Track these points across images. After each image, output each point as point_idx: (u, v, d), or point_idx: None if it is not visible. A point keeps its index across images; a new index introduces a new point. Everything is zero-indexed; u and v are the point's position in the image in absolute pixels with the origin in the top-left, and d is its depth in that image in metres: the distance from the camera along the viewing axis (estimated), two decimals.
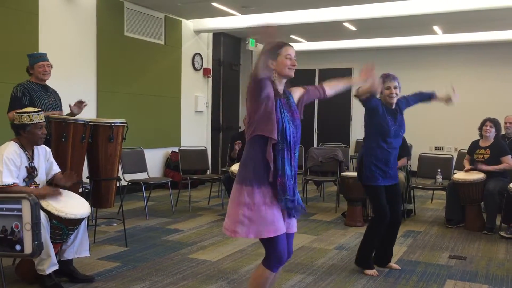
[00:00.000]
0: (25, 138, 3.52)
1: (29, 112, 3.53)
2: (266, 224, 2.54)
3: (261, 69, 2.44)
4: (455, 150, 9.13)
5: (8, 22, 5.76)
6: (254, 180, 2.56)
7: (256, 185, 2.55)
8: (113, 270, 3.96)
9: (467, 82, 10.21)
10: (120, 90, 7.35)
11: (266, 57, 2.52)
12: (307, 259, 4.36)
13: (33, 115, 3.51)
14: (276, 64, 2.61)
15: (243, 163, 2.64)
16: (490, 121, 5.71)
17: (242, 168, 2.63)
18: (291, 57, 2.63)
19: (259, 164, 2.56)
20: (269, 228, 2.54)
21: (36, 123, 3.51)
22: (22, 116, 3.50)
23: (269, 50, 2.58)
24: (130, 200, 6.93)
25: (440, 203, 7.23)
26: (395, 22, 8.14)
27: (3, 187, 3.29)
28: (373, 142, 3.91)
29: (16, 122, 3.51)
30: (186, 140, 8.58)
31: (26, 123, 3.48)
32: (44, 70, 4.35)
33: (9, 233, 2.69)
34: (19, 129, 3.51)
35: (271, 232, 2.55)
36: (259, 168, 2.56)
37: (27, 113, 3.51)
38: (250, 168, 2.58)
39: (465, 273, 4.08)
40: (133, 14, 7.56)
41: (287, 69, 2.62)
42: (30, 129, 3.49)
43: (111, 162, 4.40)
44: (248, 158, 2.61)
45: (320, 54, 11.13)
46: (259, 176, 2.56)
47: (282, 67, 2.61)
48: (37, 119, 3.52)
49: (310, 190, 7.76)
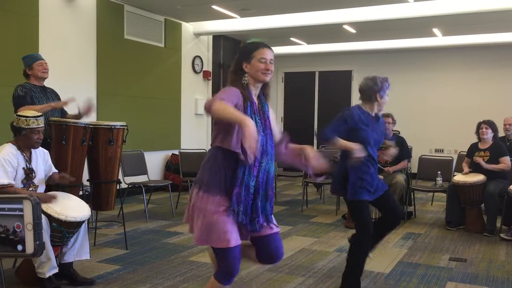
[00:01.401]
0: (22, 141, 3.52)
1: (27, 116, 3.51)
2: (217, 234, 2.37)
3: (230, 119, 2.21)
4: (455, 152, 9.13)
5: (8, 25, 5.77)
6: (210, 186, 2.40)
7: (211, 192, 2.39)
8: (113, 273, 3.96)
9: (466, 84, 10.23)
10: (120, 93, 7.35)
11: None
12: (307, 262, 4.36)
13: (30, 119, 3.50)
14: (249, 66, 2.44)
15: (203, 166, 2.47)
16: (485, 123, 5.72)
17: (201, 172, 2.47)
18: (266, 61, 2.43)
19: (218, 172, 2.41)
20: (219, 239, 2.37)
21: (32, 128, 3.49)
22: (19, 120, 3.50)
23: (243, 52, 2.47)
24: (130, 203, 6.92)
25: (440, 205, 7.23)
26: (395, 24, 8.15)
27: (1, 187, 3.30)
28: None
29: (15, 124, 3.51)
30: (186, 143, 8.58)
31: (22, 127, 3.48)
32: (44, 68, 4.33)
33: (10, 233, 2.70)
34: (16, 131, 3.51)
35: (220, 243, 2.38)
36: (217, 176, 2.40)
37: (24, 117, 3.50)
38: (208, 174, 2.43)
39: (465, 275, 4.07)
40: (133, 17, 7.57)
41: (260, 73, 2.43)
42: (25, 133, 3.49)
43: (111, 165, 4.40)
44: (207, 163, 2.45)
45: (319, 56, 11.15)
46: (216, 184, 2.40)
47: (255, 71, 2.43)
48: (34, 124, 3.50)
49: (310, 192, 7.76)
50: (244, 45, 2.59)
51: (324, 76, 11.53)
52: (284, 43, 10.50)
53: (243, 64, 2.46)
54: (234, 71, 2.50)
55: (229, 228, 2.39)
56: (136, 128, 6.43)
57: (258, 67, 2.43)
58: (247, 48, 2.50)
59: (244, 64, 2.45)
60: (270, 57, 2.46)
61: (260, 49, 2.45)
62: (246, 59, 2.45)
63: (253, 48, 2.46)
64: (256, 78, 2.46)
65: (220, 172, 2.40)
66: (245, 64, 2.45)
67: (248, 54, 2.46)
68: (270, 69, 2.45)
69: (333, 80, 11.36)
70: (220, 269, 2.46)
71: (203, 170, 2.46)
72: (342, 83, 11.22)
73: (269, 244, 2.56)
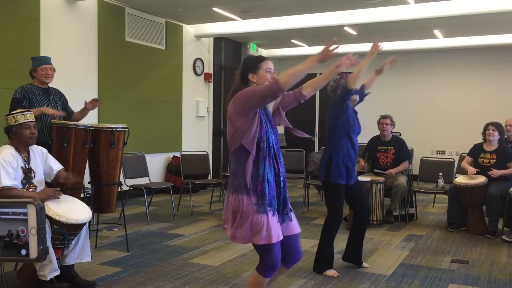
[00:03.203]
0: (16, 140, 3.51)
1: (15, 113, 3.52)
2: (256, 231, 2.58)
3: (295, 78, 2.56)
4: (456, 154, 9.11)
5: (10, 28, 5.78)
6: (243, 188, 2.61)
7: (245, 193, 2.60)
8: (114, 275, 3.96)
9: (468, 86, 10.22)
10: (121, 95, 7.36)
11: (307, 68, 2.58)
12: (309, 264, 4.35)
13: (17, 115, 3.50)
14: (256, 77, 2.68)
15: (233, 172, 2.70)
16: (493, 125, 5.71)
17: (231, 177, 2.70)
18: (271, 71, 2.70)
19: (241, 172, 2.62)
20: (262, 236, 2.57)
21: (21, 123, 3.48)
22: (8, 118, 3.51)
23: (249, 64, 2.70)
24: (131, 205, 6.92)
25: (442, 207, 7.22)
26: (396, 26, 8.15)
27: (3, 189, 3.31)
28: (341, 140, 4.00)
29: (5, 125, 3.51)
30: (188, 145, 8.58)
31: (12, 124, 3.49)
32: (47, 73, 4.35)
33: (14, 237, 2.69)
34: (8, 131, 3.52)
35: (262, 240, 2.58)
36: (241, 177, 2.62)
37: (12, 115, 3.51)
38: (239, 177, 2.63)
39: (467, 277, 4.06)
40: (134, 20, 7.58)
41: (267, 82, 2.66)
42: (16, 130, 3.49)
43: (113, 167, 4.40)
44: (237, 167, 2.66)
45: None
46: (242, 185, 2.62)
47: (263, 81, 2.67)
48: (22, 119, 3.49)
49: (312, 194, 7.75)
50: (247, 58, 2.79)
51: None
52: (285, 45, 10.50)
53: (249, 75, 2.68)
54: (240, 83, 2.71)
55: (270, 224, 2.58)
56: (137, 130, 6.44)
57: (265, 77, 2.67)
58: (252, 61, 2.73)
59: (251, 75, 2.68)
60: (273, 68, 2.74)
61: (266, 61, 2.72)
62: (253, 71, 2.68)
63: (259, 60, 2.72)
64: None
65: (243, 173, 2.60)
66: (251, 75, 2.68)
67: (255, 65, 2.69)
68: (275, 78, 2.67)
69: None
70: (264, 264, 2.66)
71: (233, 176, 2.68)
72: None
73: (297, 243, 2.80)
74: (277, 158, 2.67)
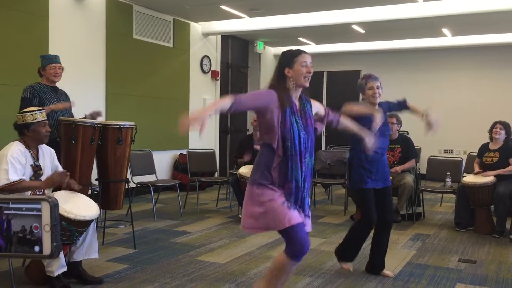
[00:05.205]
0: (30, 137, 3.54)
1: (32, 110, 3.56)
2: (278, 217, 2.60)
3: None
4: (464, 153, 9.07)
5: (18, 25, 5.81)
6: (265, 181, 2.65)
7: (266, 184, 2.64)
8: (121, 272, 3.97)
9: (476, 84, 10.16)
10: (129, 93, 7.38)
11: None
12: (315, 262, 4.35)
13: (36, 113, 3.55)
14: (292, 72, 2.65)
15: (256, 165, 2.73)
16: (500, 124, 5.69)
17: (254, 170, 2.73)
18: (307, 64, 2.66)
19: (270, 167, 2.65)
20: (282, 221, 2.59)
21: (39, 121, 3.54)
22: (25, 116, 3.52)
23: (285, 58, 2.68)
24: (138, 202, 6.95)
25: (449, 206, 7.19)
26: (404, 24, 8.11)
27: (12, 184, 3.33)
28: (359, 145, 3.66)
29: (20, 122, 3.54)
30: (194, 143, 8.58)
31: (29, 122, 3.51)
32: (55, 72, 4.38)
33: (28, 232, 2.71)
34: (23, 128, 3.53)
35: (286, 222, 2.59)
36: (265, 169, 2.67)
37: (30, 112, 3.54)
38: (261, 170, 2.67)
39: (475, 277, 4.04)
40: (142, 17, 7.59)
41: (303, 77, 2.65)
42: (34, 128, 3.52)
43: (120, 164, 4.42)
44: (260, 161, 2.70)
45: (328, 56, 11.11)
46: (264, 178, 2.66)
47: (298, 76, 2.65)
48: (40, 117, 3.55)
49: (318, 192, 7.75)
50: (284, 52, 2.76)
51: (332, 76, 11.50)
52: (292, 43, 10.47)
53: (285, 70, 2.66)
54: (276, 78, 2.70)
55: (287, 210, 2.62)
56: (144, 128, 6.44)
57: (300, 71, 2.65)
58: (288, 55, 2.70)
59: (287, 70, 2.66)
60: (310, 60, 2.69)
61: (302, 54, 2.68)
62: (289, 65, 2.66)
63: (295, 54, 2.69)
64: (297, 82, 2.67)
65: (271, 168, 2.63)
66: (287, 69, 2.66)
67: (290, 60, 2.67)
68: (311, 71, 2.67)
69: (341, 80, 11.31)
70: (291, 247, 2.63)
71: (255, 169, 2.72)
72: (350, 84, 11.10)
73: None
74: (302, 158, 2.66)
